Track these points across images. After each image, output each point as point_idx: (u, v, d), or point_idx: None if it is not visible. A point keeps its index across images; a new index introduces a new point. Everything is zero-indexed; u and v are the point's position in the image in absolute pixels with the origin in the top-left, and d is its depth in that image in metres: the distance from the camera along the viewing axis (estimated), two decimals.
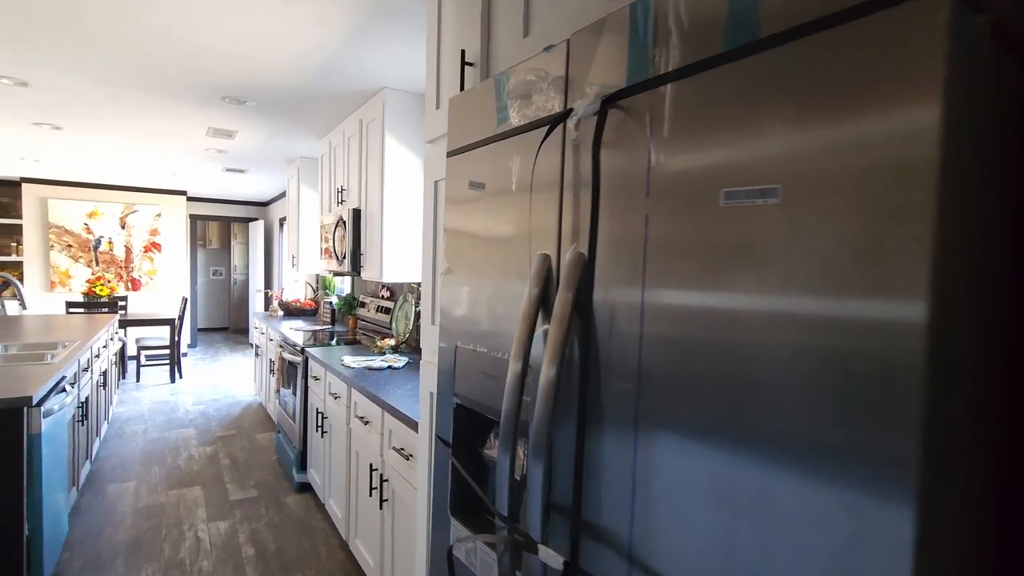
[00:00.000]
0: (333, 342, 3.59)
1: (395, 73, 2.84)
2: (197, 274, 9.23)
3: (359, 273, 3.41)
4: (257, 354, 5.23)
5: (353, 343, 3.58)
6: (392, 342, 3.14)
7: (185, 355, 7.85)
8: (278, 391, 3.78)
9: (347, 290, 4.99)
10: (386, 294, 3.81)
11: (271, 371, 4.38)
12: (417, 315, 3.19)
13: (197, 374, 6.63)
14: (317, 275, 5.78)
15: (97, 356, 3.58)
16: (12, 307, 6.84)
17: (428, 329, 1.58)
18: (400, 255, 3.10)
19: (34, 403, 1.97)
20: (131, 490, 3.26)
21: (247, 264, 10.44)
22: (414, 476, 1.79)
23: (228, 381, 6.30)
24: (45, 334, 3.50)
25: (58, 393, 2.39)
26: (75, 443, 2.90)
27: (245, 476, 3.54)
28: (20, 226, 7.02)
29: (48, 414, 2.16)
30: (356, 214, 3.38)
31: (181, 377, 6.37)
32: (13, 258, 7.00)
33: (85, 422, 3.10)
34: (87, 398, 3.15)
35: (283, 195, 7.72)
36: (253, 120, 3.79)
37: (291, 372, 3.52)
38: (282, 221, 7.85)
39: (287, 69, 2.80)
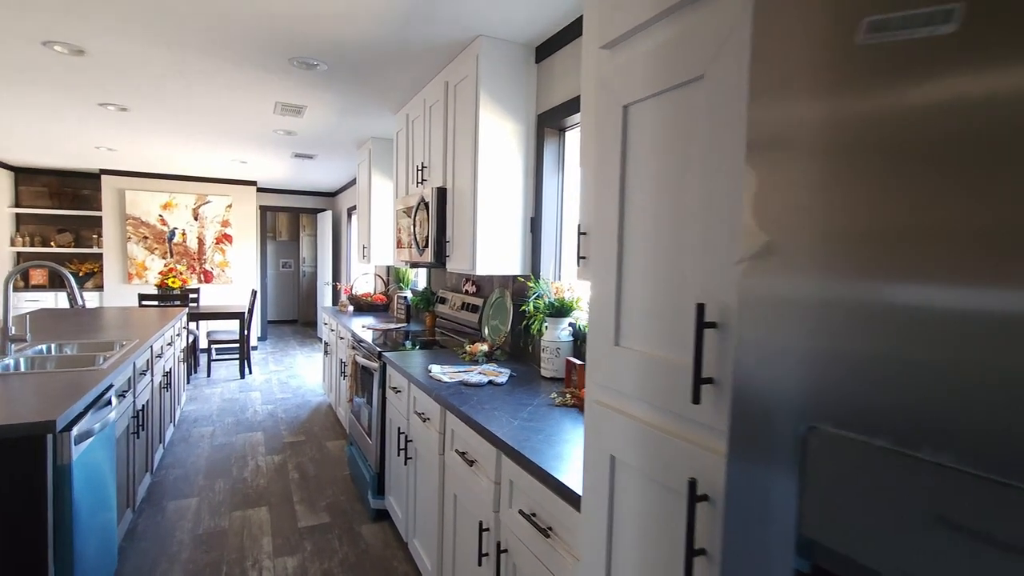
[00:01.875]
0: (408, 343, 3.09)
1: (494, 16, 2.26)
2: (267, 266, 9.15)
3: (443, 264, 2.88)
4: (326, 352, 4.86)
5: (431, 344, 3.06)
6: (485, 347, 2.59)
7: (255, 348, 7.72)
8: (351, 399, 3.33)
9: (422, 283, 4.51)
10: (471, 289, 3.27)
11: (342, 374, 3.96)
12: (521, 316, 2.62)
13: (266, 369, 6.42)
14: (388, 267, 5.36)
15: (159, 356, 3.25)
16: (92, 299, 6.88)
17: (602, 352, 0.98)
18: (496, 243, 2.53)
19: (59, 428, 1.54)
20: (192, 509, 2.89)
21: (315, 256, 10.32)
22: (559, 566, 1.21)
23: (297, 379, 6.02)
24: (109, 331, 3.20)
25: (100, 409, 1.99)
26: (130, 459, 2.54)
27: (316, 495, 3.11)
28: (100, 218, 7.06)
29: (84, 437, 1.74)
30: (441, 194, 2.85)
31: (250, 372, 6.16)
32: (94, 250, 7.05)
33: (141, 434, 2.74)
34: (144, 405, 2.80)
35: (352, 184, 7.41)
36: (323, 91, 3.34)
37: (366, 379, 3.05)
38: (351, 211, 7.55)
39: (364, 17, 2.28)
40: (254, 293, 6.32)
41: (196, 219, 7.27)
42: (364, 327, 3.72)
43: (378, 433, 2.79)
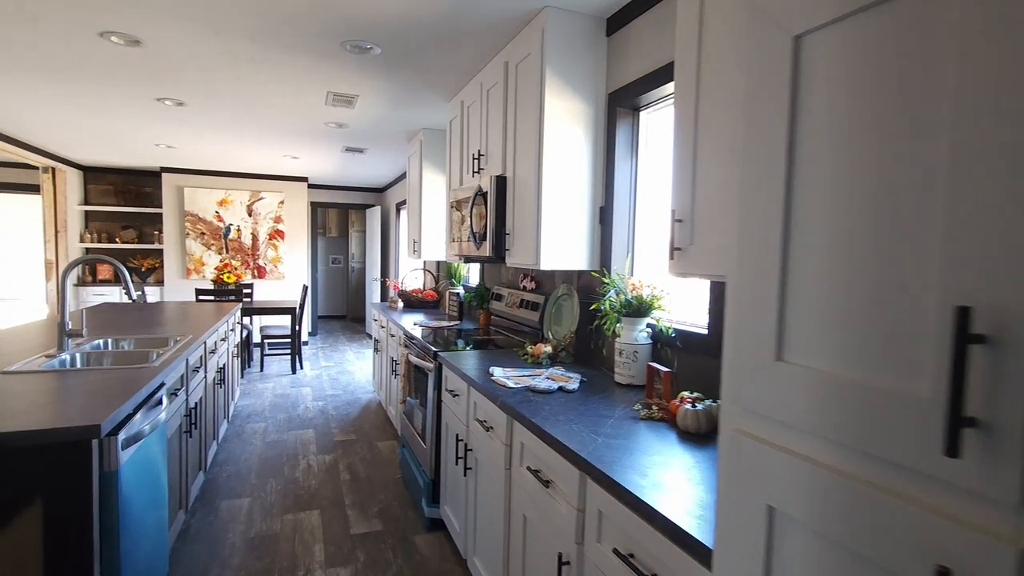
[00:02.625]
0: (461, 342, 2.92)
1: None
2: (317, 262, 9.24)
3: (503, 258, 2.68)
4: (376, 349, 4.77)
5: (486, 344, 2.88)
6: (549, 349, 2.37)
7: (306, 343, 7.78)
8: (404, 400, 3.19)
9: (474, 279, 4.34)
10: (529, 285, 3.07)
11: (393, 372, 3.84)
12: (590, 315, 2.39)
13: (317, 365, 6.42)
14: (439, 263, 5.22)
15: (213, 351, 3.20)
16: (153, 294, 7.08)
17: (753, 368, 0.75)
18: (561, 235, 2.31)
19: (104, 432, 1.43)
20: (244, 510, 2.82)
21: (364, 252, 10.38)
22: None
23: (346, 375, 5.99)
24: (164, 326, 3.17)
25: (151, 409, 1.89)
26: (183, 458, 2.46)
27: (367, 499, 2.98)
28: (161, 215, 7.25)
29: (133, 440, 1.64)
30: (500, 183, 2.65)
31: (301, 368, 6.18)
32: (155, 246, 7.25)
33: (194, 432, 2.67)
34: (197, 403, 2.73)
35: (401, 179, 7.34)
36: (376, 79, 3.20)
37: (420, 380, 2.89)
38: (399, 206, 7.49)
39: None
40: (305, 288, 6.34)
41: (250, 215, 7.37)
42: (416, 325, 3.58)
43: (433, 437, 2.63)
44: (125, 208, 7.10)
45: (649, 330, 1.98)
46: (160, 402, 1.98)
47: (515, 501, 1.72)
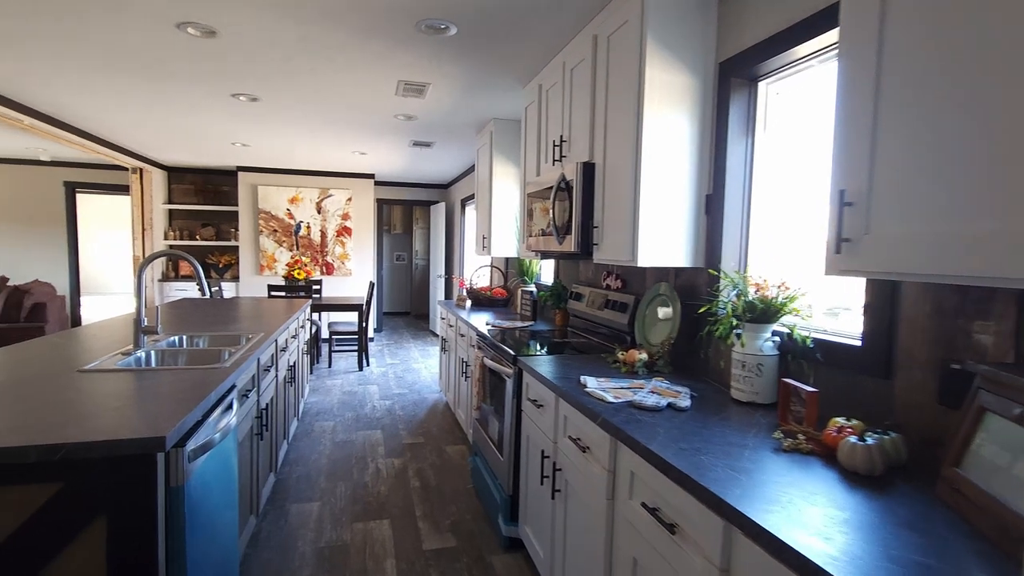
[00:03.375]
0: (536, 344, 2.68)
1: None
2: (383, 259, 9.29)
3: (589, 254, 2.42)
4: (444, 349, 4.62)
5: (563, 347, 2.63)
6: (644, 356, 2.09)
7: (372, 340, 7.81)
8: (478, 407, 2.99)
9: (547, 276, 4.10)
10: (615, 283, 2.79)
11: (464, 375, 3.66)
12: (694, 319, 2.09)
13: (383, 362, 6.39)
14: (507, 259, 5.02)
15: (284, 349, 3.13)
16: (229, 289, 7.29)
17: None
18: (660, 228, 2.03)
19: (169, 444, 1.29)
20: (314, 516, 2.71)
21: (428, 249, 10.38)
22: None
23: (411, 373, 5.90)
24: (237, 322, 3.12)
25: (222, 413, 1.77)
26: (254, 461, 2.37)
27: (439, 510, 2.81)
28: (237, 213, 7.47)
29: (202, 451, 1.51)
30: (587, 171, 2.39)
31: (368, 365, 6.16)
32: (231, 243, 7.48)
33: (265, 435, 2.58)
34: (268, 403, 2.64)
35: (466, 174, 7.21)
36: (449, 63, 3.01)
37: (496, 385, 2.68)
38: (464, 202, 7.36)
39: None
40: (372, 285, 6.32)
41: (319, 212, 7.47)
42: (487, 324, 3.38)
43: (511, 450, 2.41)
44: (204, 207, 7.37)
45: (777, 339, 1.66)
46: (231, 406, 1.87)
47: (621, 539, 1.46)
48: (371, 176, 7.65)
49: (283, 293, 5.87)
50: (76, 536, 1.25)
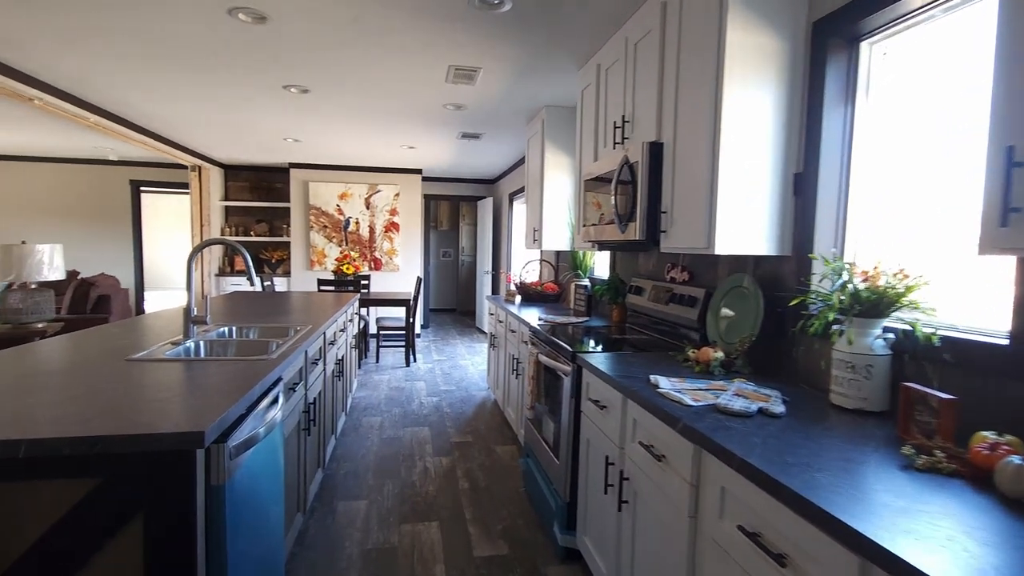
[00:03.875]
0: (591, 341, 2.49)
1: None
2: (429, 255, 9.28)
3: (656, 242, 2.22)
4: (492, 345, 4.49)
5: (622, 343, 2.43)
6: (720, 355, 1.87)
7: (419, 336, 7.79)
8: (532, 406, 2.83)
9: (601, 270, 3.90)
10: (680, 275, 2.57)
11: (514, 372, 3.51)
12: (778, 313, 1.85)
13: (429, 358, 6.33)
14: (558, 252, 4.84)
15: (332, 343, 3.06)
16: (281, 283, 7.41)
17: None
18: (740, 211, 1.80)
19: (209, 440, 1.18)
20: (361, 515, 2.61)
21: (474, 245, 10.31)
22: None
23: (458, 370, 5.81)
24: (286, 315, 3.08)
25: (268, 407, 1.68)
26: (301, 457, 2.28)
27: (490, 514, 2.67)
28: (289, 209, 7.59)
29: (246, 446, 1.41)
30: (654, 151, 2.18)
31: (415, 360, 6.11)
32: (283, 238, 7.61)
33: (313, 430, 2.50)
34: (316, 398, 2.56)
35: (514, 169, 7.06)
36: (502, 44, 2.86)
37: (551, 384, 2.51)
38: (512, 196, 7.21)
39: None
40: (419, 280, 6.26)
41: (368, 208, 7.50)
42: (539, 320, 3.21)
43: (568, 454, 2.24)
44: (258, 203, 7.52)
45: (891, 336, 1.42)
46: (276, 400, 1.77)
47: (708, 564, 1.27)
48: (419, 171, 7.61)
49: (332, 287, 5.89)
50: (114, 535, 1.16)
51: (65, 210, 7.48)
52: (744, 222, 1.81)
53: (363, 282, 6.45)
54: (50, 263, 4.18)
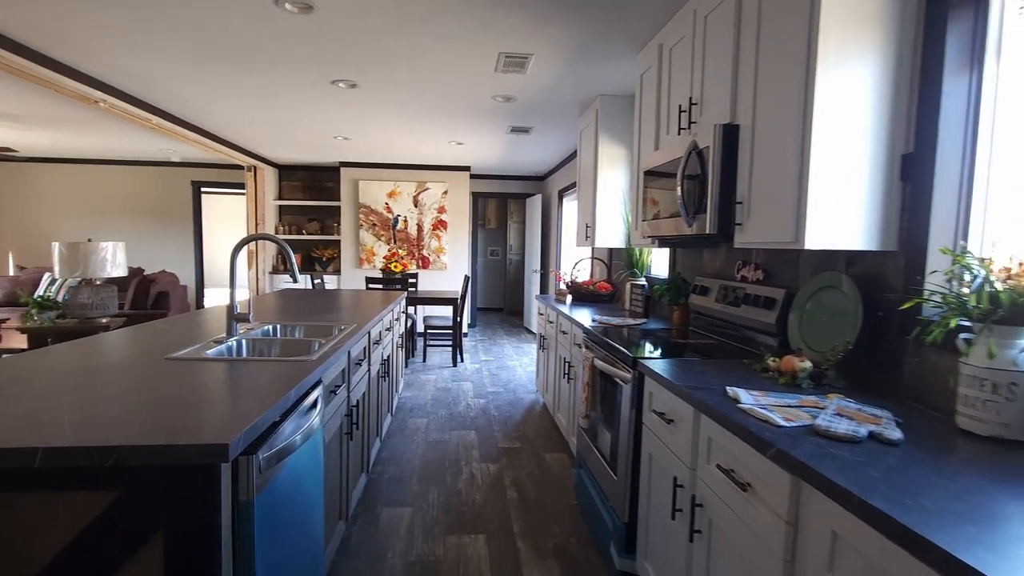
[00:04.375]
0: (656, 346, 2.27)
1: None
2: (477, 253, 9.19)
3: (729, 237, 1.98)
4: (542, 346, 4.31)
5: (686, 348, 2.20)
6: (808, 365, 1.63)
7: (466, 335, 7.71)
8: (587, 414, 2.63)
9: (658, 268, 3.65)
10: (754, 274, 2.31)
11: (565, 375, 3.32)
12: (880, 321, 1.59)
13: (476, 358, 6.23)
14: (611, 250, 4.61)
15: (377, 342, 2.96)
16: (331, 282, 7.49)
17: None
18: (834, 200, 1.55)
19: (234, 453, 1.07)
20: (405, 523, 2.50)
21: (523, 244, 10.16)
22: None
23: (506, 371, 5.67)
24: (332, 313, 3.01)
25: (304, 415, 1.56)
26: (343, 463, 2.18)
27: (539, 528, 2.50)
28: (339, 208, 7.67)
29: (279, 456, 1.29)
30: (728, 135, 1.95)
31: (462, 360, 6.01)
32: (334, 237, 7.70)
33: (356, 433, 2.40)
34: (360, 399, 2.46)
35: (563, 165, 6.86)
36: (554, 26, 2.67)
37: (608, 391, 2.31)
38: (562, 193, 7.01)
39: None
40: (467, 279, 6.16)
41: (416, 206, 7.47)
42: (593, 321, 3.01)
43: (627, 469, 2.03)
44: (310, 202, 7.63)
45: None
46: (316, 404, 1.66)
47: None
48: (467, 169, 7.53)
49: (380, 286, 5.87)
50: (133, 554, 1.06)
51: (132, 210, 7.83)
52: (840, 212, 1.55)
53: (410, 280, 6.41)
54: (113, 260, 4.31)
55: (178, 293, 5.35)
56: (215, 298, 10.09)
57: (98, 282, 4.42)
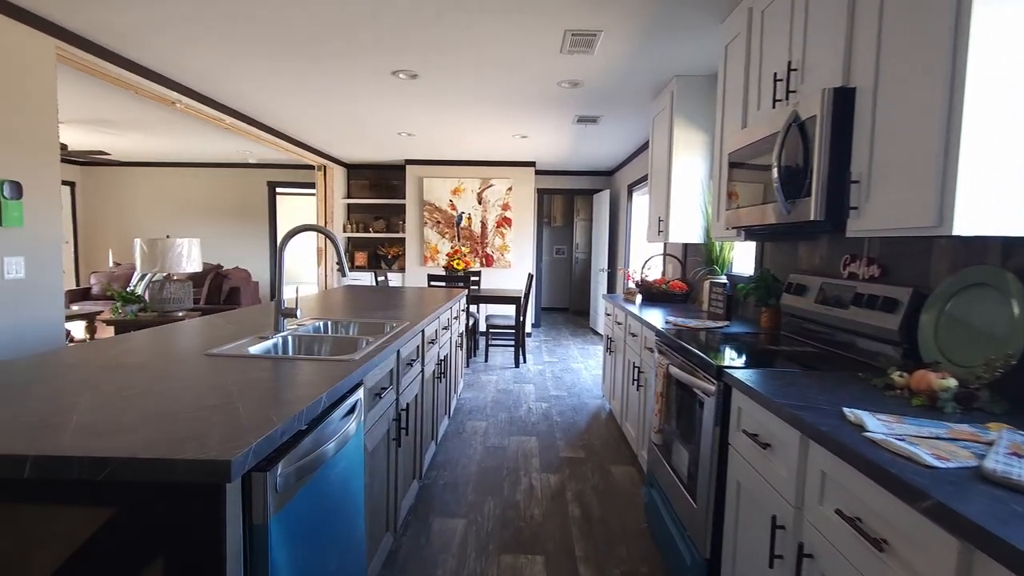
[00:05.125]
0: (743, 353, 1.95)
1: None
2: (542, 252, 8.97)
3: (839, 223, 1.65)
4: (609, 349, 4.03)
5: (778, 356, 1.87)
6: (952, 383, 1.27)
7: (529, 335, 7.51)
8: (660, 428, 2.34)
9: (741, 265, 3.28)
10: (868, 270, 1.94)
11: (635, 382, 3.03)
12: None
13: (540, 359, 6.01)
14: (685, 246, 4.25)
15: (432, 341, 2.81)
16: (395, 279, 7.52)
17: None
18: (1003, 170, 1.20)
19: (238, 473, 0.90)
20: (458, 537, 2.32)
21: (589, 242, 9.84)
22: None
23: (570, 373, 5.41)
24: (388, 309, 2.90)
25: (343, 418, 1.40)
26: (391, 471, 2.03)
27: (605, 553, 2.24)
28: (404, 206, 7.70)
29: (303, 472, 1.13)
30: (841, 99, 1.61)
31: (524, 362, 5.81)
32: (399, 235, 7.73)
33: (405, 439, 2.24)
34: (411, 403, 2.30)
35: (633, 158, 6.50)
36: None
37: (685, 403, 2.02)
38: (632, 188, 6.65)
39: None
40: (530, 277, 5.96)
41: (480, 203, 7.36)
42: (667, 323, 2.70)
43: (710, 497, 1.74)
44: (377, 200, 7.71)
45: None
46: (354, 408, 1.50)
47: None
48: (531, 164, 7.33)
49: (442, 283, 5.78)
50: None
51: (213, 209, 8.24)
52: (1004, 187, 1.20)
53: (473, 278, 6.29)
54: (188, 256, 4.45)
55: (250, 289, 5.50)
56: (288, 295, 10.48)
57: (175, 277, 4.59)
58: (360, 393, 1.57)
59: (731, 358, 1.84)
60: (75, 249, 8.08)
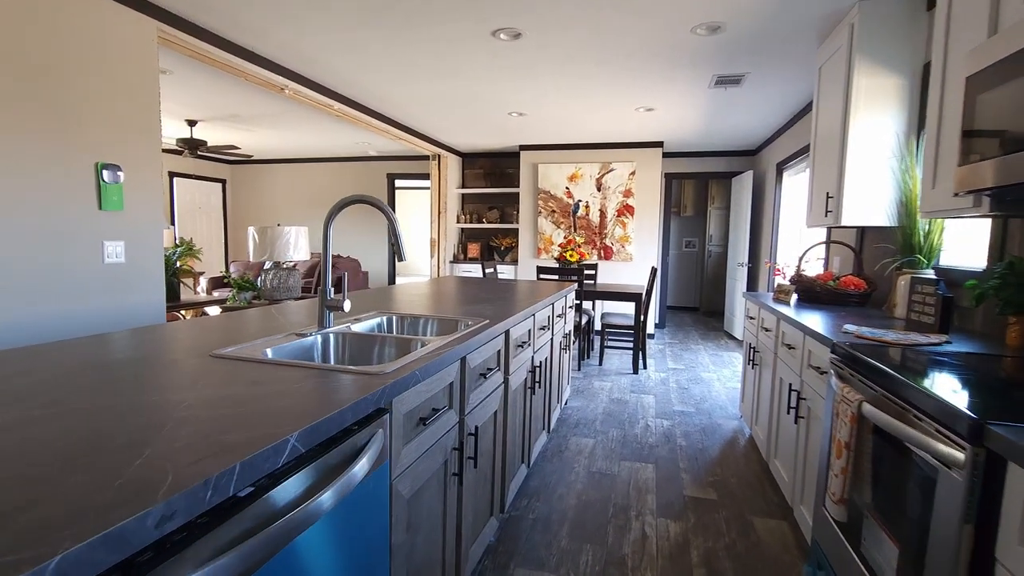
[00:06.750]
0: (975, 388, 1.15)
1: None
2: (669, 245, 8.07)
3: None
4: (752, 362, 3.22)
5: None
6: None
7: (651, 337, 6.72)
8: (843, 499, 1.58)
9: (953, 254, 2.32)
10: None
11: (792, 410, 2.25)
12: None
13: (663, 365, 5.24)
14: (861, 231, 3.28)
15: (522, 344, 2.29)
16: (507, 272, 7.15)
17: None
18: None
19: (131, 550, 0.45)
20: None
21: (725, 233, 8.70)
22: None
23: (699, 384, 4.59)
24: (476, 304, 2.44)
25: (351, 462, 0.94)
26: (447, 514, 1.54)
27: None
28: (518, 195, 7.30)
29: (257, 549, 0.67)
30: None
31: (644, 367, 5.09)
32: (513, 225, 7.36)
33: (473, 470, 1.74)
34: (480, 425, 1.80)
35: (783, 131, 5.43)
36: None
37: (896, 466, 1.28)
38: (782, 167, 5.58)
39: None
40: (654, 271, 5.21)
41: (599, 190, 6.71)
42: (846, 334, 1.91)
43: None
44: (490, 189, 7.40)
45: None
46: (366, 446, 1.03)
47: None
48: (659, 144, 6.50)
49: (553, 276, 5.26)
50: None
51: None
52: None
53: (588, 272, 5.68)
54: (295, 244, 4.41)
55: (357, 278, 5.44)
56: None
57: (285, 266, 4.60)
58: (385, 421, 1.10)
59: (987, 402, 1.09)
60: (225, 241, 8.85)
